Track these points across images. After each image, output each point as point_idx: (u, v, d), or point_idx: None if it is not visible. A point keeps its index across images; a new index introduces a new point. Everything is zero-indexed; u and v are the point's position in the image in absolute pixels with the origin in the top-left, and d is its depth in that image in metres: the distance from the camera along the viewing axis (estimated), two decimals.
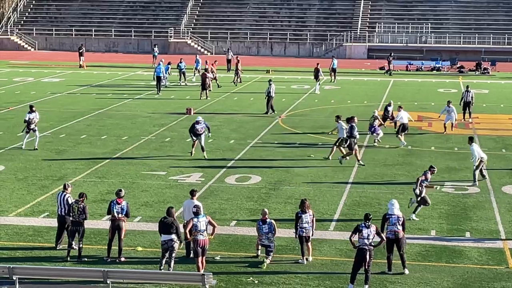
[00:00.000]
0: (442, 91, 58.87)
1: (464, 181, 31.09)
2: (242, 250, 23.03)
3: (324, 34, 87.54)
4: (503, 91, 58.62)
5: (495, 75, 70.38)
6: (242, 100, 52.92)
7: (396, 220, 21.13)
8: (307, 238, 22.03)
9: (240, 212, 26.79)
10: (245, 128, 42.19)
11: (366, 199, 28.44)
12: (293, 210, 26.70)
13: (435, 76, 69.68)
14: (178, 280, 19.78)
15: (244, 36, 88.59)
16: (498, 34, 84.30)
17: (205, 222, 20.77)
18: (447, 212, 26.99)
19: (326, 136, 39.97)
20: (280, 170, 32.84)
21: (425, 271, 21.44)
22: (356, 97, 54.72)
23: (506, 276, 21.10)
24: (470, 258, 22.54)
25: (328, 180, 31.23)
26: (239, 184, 30.48)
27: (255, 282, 20.56)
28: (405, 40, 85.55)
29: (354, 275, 20.04)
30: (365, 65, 77.41)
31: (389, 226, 21.15)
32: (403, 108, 39.56)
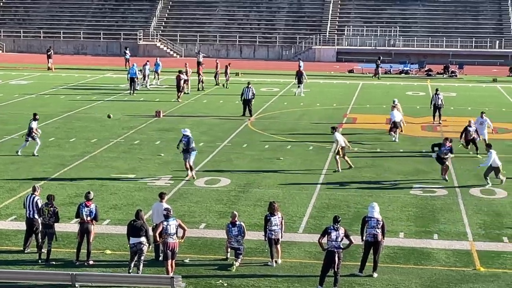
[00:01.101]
0: (410, 94, 59.23)
1: (432, 184, 31.28)
2: (211, 252, 23.02)
3: (293, 37, 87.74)
4: (470, 94, 59.08)
5: (462, 78, 70.93)
6: (211, 102, 52.89)
7: (375, 223, 21.21)
8: (277, 240, 22.07)
9: (209, 214, 26.77)
10: (215, 131, 42.17)
11: (335, 201, 28.54)
12: (263, 212, 26.72)
13: (403, 79, 70.07)
14: (147, 283, 19.73)
15: (214, 39, 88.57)
16: (466, 38, 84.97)
17: (175, 225, 20.74)
18: (415, 215, 27.15)
19: (294, 139, 40.05)
20: (249, 172, 32.86)
21: (394, 273, 21.55)
22: (325, 100, 54.88)
23: (473, 278, 21.26)
24: (438, 260, 22.69)
25: (297, 182, 31.29)
26: (208, 186, 30.45)
27: (224, 285, 20.55)
28: (374, 43, 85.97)
29: (323, 278, 20.10)
30: (334, 68, 77.67)
31: (368, 229, 21.22)
32: (396, 108, 40.19)
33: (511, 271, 21.84)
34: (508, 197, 29.50)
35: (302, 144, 38.75)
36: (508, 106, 53.66)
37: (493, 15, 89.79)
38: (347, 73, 73.95)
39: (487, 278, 21.27)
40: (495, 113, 50.07)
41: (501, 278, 21.25)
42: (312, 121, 45.86)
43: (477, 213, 27.42)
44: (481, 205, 28.45)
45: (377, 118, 47.23)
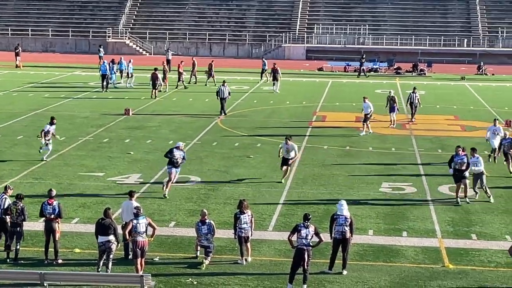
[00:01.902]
0: (379, 92, 59.42)
1: (401, 181, 31.41)
2: (181, 251, 22.97)
3: (263, 35, 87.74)
4: (439, 92, 59.41)
5: (431, 76, 71.32)
6: (181, 100, 52.77)
7: (343, 221, 21.25)
8: (246, 238, 22.07)
9: (179, 213, 26.72)
10: (184, 129, 42.09)
11: (305, 199, 28.59)
12: (232, 210, 26.69)
13: (372, 77, 70.32)
14: (116, 282, 19.63)
15: (183, 37, 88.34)
16: (434, 36, 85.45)
17: (145, 223, 20.68)
18: (384, 212, 27.26)
19: (264, 137, 40.07)
20: (219, 170, 32.83)
21: (363, 270, 21.62)
22: (295, 98, 54.95)
23: (442, 275, 21.39)
24: (407, 257, 22.80)
25: (267, 180, 31.31)
26: (178, 185, 30.37)
27: (194, 283, 20.52)
28: (343, 41, 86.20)
29: (292, 275, 20.12)
30: (304, 66, 77.81)
31: (336, 226, 21.27)
32: (367, 99, 40.28)
33: (479, 268, 22.00)
34: (477, 194, 29.66)
35: (271, 142, 38.77)
36: (476, 104, 54.05)
37: (462, 13, 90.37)
38: (316, 71, 74.11)
39: (456, 275, 21.41)
40: (463, 111, 50.46)
41: (470, 275, 21.40)
42: (281, 119, 45.92)
43: (446, 210, 27.58)
44: (450, 202, 28.60)
45: (347, 116, 47.37)
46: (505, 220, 26.39)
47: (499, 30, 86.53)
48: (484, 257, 22.88)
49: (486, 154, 34.92)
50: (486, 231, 25.35)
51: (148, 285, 19.10)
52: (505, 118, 46.30)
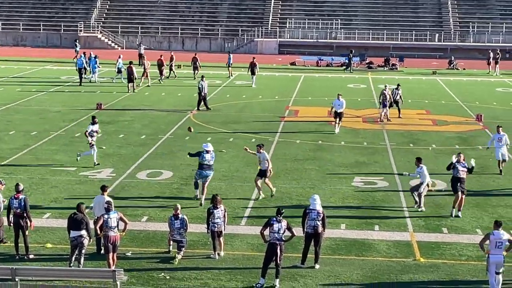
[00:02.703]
0: (351, 87, 59.63)
1: (373, 176, 31.54)
2: (153, 245, 22.94)
3: (235, 29, 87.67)
4: (410, 87, 59.63)
5: (403, 70, 71.60)
6: (153, 95, 52.62)
7: (316, 215, 21.31)
8: (219, 233, 22.09)
9: (151, 207, 26.67)
10: (157, 123, 42.00)
11: (277, 193, 28.60)
12: (205, 204, 26.72)
13: (345, 72, 70.49)
14: (89, 277, 19.57)
15: (155, 31, 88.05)
16: (406, 31, 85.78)
17: (116, 218, 20.63)
18: (356, 206, 27.37)
19: (237, 131, 40.08)
20: (191, 165, 32.74)
21: (335, 264, 21.71)
22: (267, 92, 54.98)
23: (413, 269, 21.53)
24: (379, 251, 22.92)
25: (240, 175, 31.33)
26: (151, 179, 30.33)
27: (167, 277, 20.51)
28: (316, 36, 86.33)
29: (265, 269, 20.16)
30: (276, 60, 77.84)
31: (309, 220, 21.33)
32: (341, 96, 40.27)
33: (450, 261, 22.16)
34: (447, 187, 29.86)
35: (244, 137, 38.80)
36: (447, 98, 54.37)
37: (433, 8, 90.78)
38: (289, 66, 74.18)
39: (427, 268, 21.56)
40: (435, 105, 50.74)
41: (441, 269, 21.56)
42: (254, 114, 45.94)
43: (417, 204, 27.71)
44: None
45: (319, 111, 47.47)
46: (475, 214, 26.59)
47: (470, 25, 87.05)
48: (455, 251, 23.05)
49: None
50: (457, 225, 25.54)
51: (121, 280, 19.06)
52: (475, 112, 46.64)
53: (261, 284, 20.03)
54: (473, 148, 37.29)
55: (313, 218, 21.30)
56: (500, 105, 51.45)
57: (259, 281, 20.11)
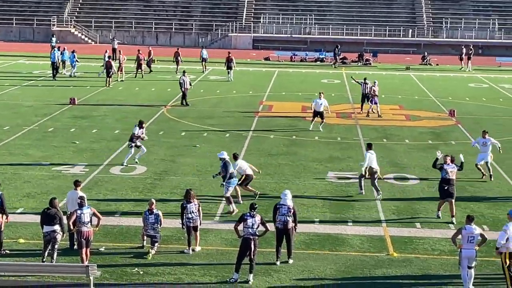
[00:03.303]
0: (325, 82, 59.77)
1: (347, 171, 31.62)
2: (127, 241, 22.89)
3: (209, 24, 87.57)
4: (384, 82, 59.82)
5: (376, 66, 71.88)
6: (127, 90, 52.45)
7: (286, 211, 21.32)
8: (195, 228, 22.06)
9: (125, 202, 26.59)
10: (130, 118, 41.83)
11: (251, 188, 28.58)
12: (179, 199, 26.69)
13: (319, 67, 70.66)
14: (62, 272, 19.50)
15: (129, 26, 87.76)
16: (379, 26, 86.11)
17: (90, 213, 20.55)
18: (330, 201, 27.43)
19: (211, 126, 40.06)
20: (165, 160, 32.74)
21: (309, 259, 21.76)
22: (241, 88, 54.98)
23: (386, 263, 21.62)
24: (352, 246, 23.00)
25: (214, 170, 31.25)
26: (124, 174, 30.24)
27: (140, 273, 20.46)
28: (290, 31, 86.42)
29: (239, 264, 20.16)
30: (251, 55, 77.84)
31: (279, 216, 21.34)
32: (323, 95, 40.06)
33: (423, 256, 22.28)
34: (421, 183, 30.07)
35: (218, 132, 38.78)
36: (420, 93, 54.63)
37: (407, 4, 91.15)
38: (263, 61, 74.24)
39: (400, 263, 21.66)
40: (408, 100, 50.97)
41: (414, 263, 21.66)
42: (228, 109, 45.92)
43: (391, 199, 27.86)
44: (395, 191, 28.93)
45: (293, 106, 47.55)
46: (448, 209, 26.70)
47: (443, 21, 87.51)
48: (428, 245, 23.18)
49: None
50: (429, 219, 25.67)
51: (94, 275, 19.01)
52: (448, 107, 46.89)
53: (234, 279, 20.04)
54: (446, 143, 37.50)
55: (283, 213, 21.32)
56: (473, 100, 51.78)
57: (232, 276, 20.11)
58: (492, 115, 46.00)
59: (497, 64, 74.88)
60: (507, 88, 58.04)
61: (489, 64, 74.53)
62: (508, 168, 32.67)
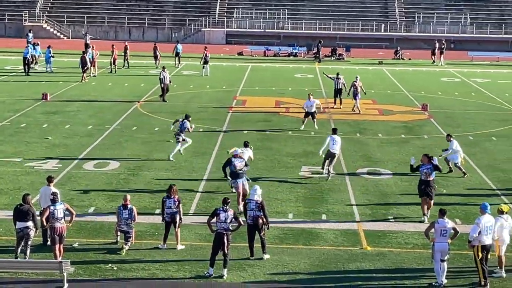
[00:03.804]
0: (299, 77, 59.86)
1: (320, 165, 31.63)
2: (100, 236, 22.82)
3: (182, 19, 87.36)
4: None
5: (349, 61, 72.06)
6: (100, 85, 52.25)
7: (254, 206, 21.33)
8: (174, 224, 22.01)
9: (98, 198, 26.51)
10: (103, 114, 41.70)
11: (226, 183, 28.60)
12: (152, 196, 26.70)
13: (292, 62, 70.74)
14: (35, 268, 19.43)
15: (102, 21, 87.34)
16: (352, 21, 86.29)
17: (63, 209, 20.47)
18: (304, 195, 27.50)
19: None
20: (139, 155, 32.65)
21: (283, 253, 21.80)
22: (215, 83, 54.93)
23: (360, 257, 21.71)
24: (326, 240, 23.07)
25: (188, 165, 31.28)
26: (98, 170, 30.14)
27: (114, 268, 20.41)
28: (263, 25, 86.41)
29: (213, 259, 20.17)
30: (224, 50, 77.77)
31: (248, 211, 21.36)
32: (313, 96, 39.64)
33: (396, 249, 22.40)
34: (394, 177, 30.21)
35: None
36: (393, 88, 54.85)
37: None
38: (236, 56, 74.20)
39: (374, 257, 21.76)
40: (381, 95, 51.15)
41: (387, 257, 21.77)
42: (202, 104, 45.86)
43: (364, 193, 27.98)
44: (368, 185, 29.05)
45: (267, 101, 47.58)
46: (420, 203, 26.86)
47: (415, 15, 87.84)
48: (401, 239, 23.30)
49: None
50: (403, 213, 25.80)
51: (67, 271, 18.95)
52: (421, 102, 47.13)
53: (209, 273, 20.05)
54: (419, 137, 37.69)
55: (252, 208, 21.33)
56: (445, 94, 52.07)
57: (208, 270, 20.12)
58: (464, 109, 46.30)
59: (469, 59, 75.33)
60: (479, 82, 58.41)
61: (461, 58, 74.97)
62: (479, 162, 32.91)
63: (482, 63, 72.55)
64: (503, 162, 33.16)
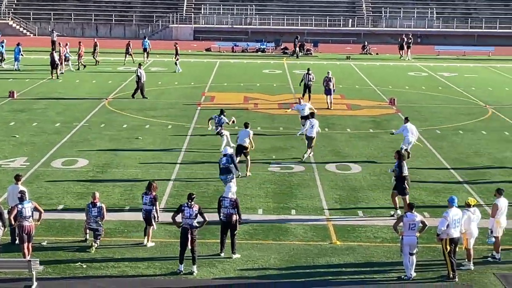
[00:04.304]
0: (267, 72, 59.90)
1: (290, 160, 31.74)
2: (70, 234, 22.72)
3: (150, 15, 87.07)
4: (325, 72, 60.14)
5: (317, 56, 72.21)
6: (67, 82, 51.94)
7: (228, 203, 21.31)
8: (147, 220, 21.93)
9: (67, 196, 26.38)
10: (71, 111, 41.48)
11: (195, 179, 28.62)
12: (122, 192, 26.64)
13: (260, 57, 70.77)
14: (3, 268, 19.31)
15: (68, 17, 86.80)
16: (320, 16, 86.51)
17: (31, 208, 20.34)
18: (273, 191, 27.55)
19: (153, 118, 39.91)
20: (107, 152, 32.53)
21: (253, 249, 21.83)
22: (183, 79, 54.82)
23: (330, 252, 21.80)
24: (296, 235, 23.13)
25: (157, 162, 31.21)
26: (66, 167, 29.99)
27: (84, 266, 20.33)
28: (231, 21, 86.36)
29: (181, 256, 20.15)
30: (192, 46, 77.63)
31: (222, 208, 21.34)
32: (303, 100, 39.20)
33: (366, 243, 22.51)
34: (363, 171, 30.35)
35: (160, 123, 38.64)
36: (361, 83, 55.06)
37: None
38: (204, 52, 74.12)
39: (343, 251, 21.85)
40: (349, 90, 51.31)
41: (356, 251, 21.88)
42: (170, 100, 45.75)
43: (333, 188, 28.08)
44: (337, 180, 29.16)
45: (235, 96, 47.57)
46: (389, 197, 27.00)
47: (382, 10, 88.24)
48: (370, 233, 23.42)
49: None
50: (372, 207, 25.94)
51: (36, 270, 18.85)
52: (388, 96, 47.36)
53: (180, 270, 20.05)
54: (387, 131, 37.84)
55: (226, 206, 21.33)
56: (412, 89, 52.36)
57: (178, 267, 20.10)
58: (432, 103, 46.57)
59: (436, 53, 75.81)
60: (446, 77, 58.79)
61: (428, 52, 75.43)
62: (447, 155, 33.15)
63: (449, 57, 73.04)
64: (470, 155, 33.43)
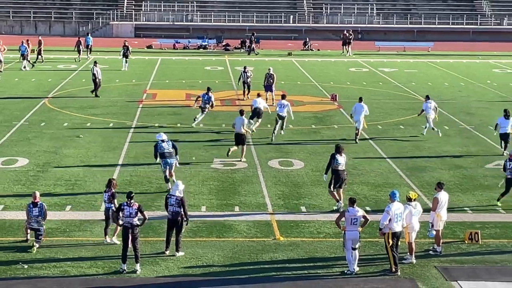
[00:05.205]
0: (209, 69, 59.82)
1: (232, 157, 31.71)
2: (10, 235, 22.43)
3: (90, 12, 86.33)
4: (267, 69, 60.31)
5: (259, 52, 72.32)
6: (6, 81, 51.26)
7: (174, 201, 21.23)
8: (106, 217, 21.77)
9: (7, 196, 26.04)
10: (10, 110, 40.95)
11: (137, 178, 28.47)
12: (63, 191, 26.42)
13: (201, 54, 70.65)
14: None
15: (7, 15, 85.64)
16: (261, 13, 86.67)
17: None
18: (216, 188, 27.53)
19: (94, 116, 39.59)
20: (48, 151, 32.19)
21: (196, 246, 21.80)
22: (124, 76, 54.48)
23: (273, 248, 21.86)
24: (239, 232, 23.15)
25: (98, 160, 30.98)
26: (5, 167, 29.61)
27: (25, 267, 20.09)
28: (172, 18, 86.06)
29: (124, 254, 20.02)
30: (133, 43, 77.08)
31: (169, 206, 21.26)
32: (261, 96, 38.89)
33: (309, 239, 22.62)
34: (305, 167, 30.48)
35: (102, 122, 38.35)
36: (303, 79, 55.30)
37: None
38: (145, 49, 73.76)
39: (287, 247, 21.93)
40: (291, 86, 51.49)
41: (300, 247, 21.97)
42: (111, 98, 45.43)
43: (276, 184, 28.16)
44: (280, 176, 29.24)
45: (177, 94, 47.43)
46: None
47: (323, 6, 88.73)
48: (313, 229, 23.54)
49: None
50: (314, 203, 26.07)
51: None
52: (330, 92, 47.66)
53: (123, 269, 19.93)
54: (329, 127, 38.09)
55: (172, 203, 21.26)
56: (354, 84, 52.75)
57: (121, 266, 19.98)
58: (372, 98, 46.91)
59: (376, 49, 76.50)
60: (386, 72, 59.35)
61: (369, 48, 76.06)
62: (388, 150, 33.47)
63: (389, 53, 73.74)
64: (410, 150, 33.81)
